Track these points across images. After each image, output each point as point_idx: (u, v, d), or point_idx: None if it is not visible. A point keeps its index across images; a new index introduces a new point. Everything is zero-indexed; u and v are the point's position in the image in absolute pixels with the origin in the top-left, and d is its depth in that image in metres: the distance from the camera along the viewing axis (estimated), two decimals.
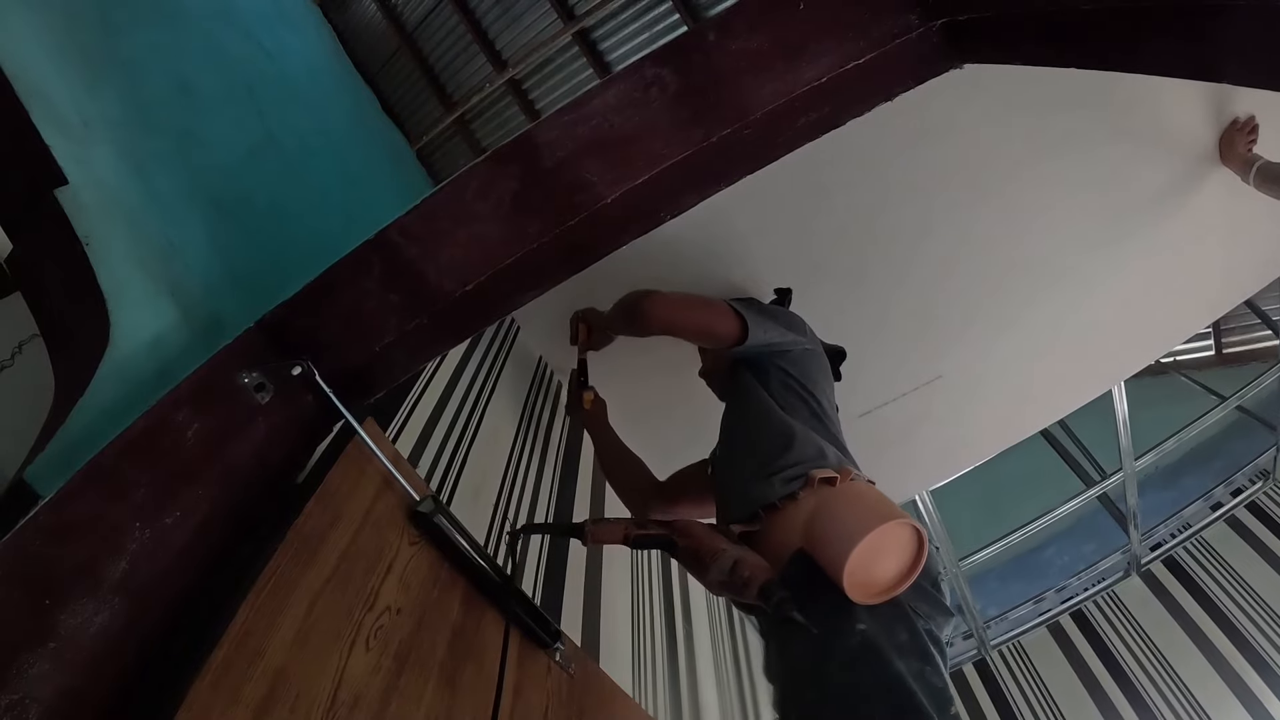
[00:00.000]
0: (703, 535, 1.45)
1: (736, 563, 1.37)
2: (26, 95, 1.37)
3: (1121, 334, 3.23)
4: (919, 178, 2.45)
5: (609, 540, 1.52)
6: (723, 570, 1.37)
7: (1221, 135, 2.66)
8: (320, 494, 1.14)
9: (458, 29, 6.20)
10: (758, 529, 1.58)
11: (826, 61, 1.12)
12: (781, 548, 1.47)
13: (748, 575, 1.34)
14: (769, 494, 1.59)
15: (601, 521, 1.53)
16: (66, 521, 0.83)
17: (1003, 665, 5.37)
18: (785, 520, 1.55)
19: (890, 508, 1.39)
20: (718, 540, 1.44)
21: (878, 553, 1.34)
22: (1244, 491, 5.32)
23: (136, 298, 1.34)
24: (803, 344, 2.00)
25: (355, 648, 1.05)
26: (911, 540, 1.38)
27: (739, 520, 1.64)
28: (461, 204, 1.20)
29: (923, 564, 1.37)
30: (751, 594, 1.33)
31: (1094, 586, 5.41)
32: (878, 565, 1.35)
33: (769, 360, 1.95)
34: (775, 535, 1.54)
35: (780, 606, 1.29)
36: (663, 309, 2.03)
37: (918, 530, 1.37)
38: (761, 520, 1.58)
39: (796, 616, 1.27)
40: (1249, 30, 0.72)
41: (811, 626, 1.27)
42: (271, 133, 2.58)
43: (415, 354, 1.35)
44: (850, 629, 1.30)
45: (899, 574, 1.37)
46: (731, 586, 1.37)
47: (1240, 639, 4.64)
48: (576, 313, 2.43)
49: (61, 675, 0.77)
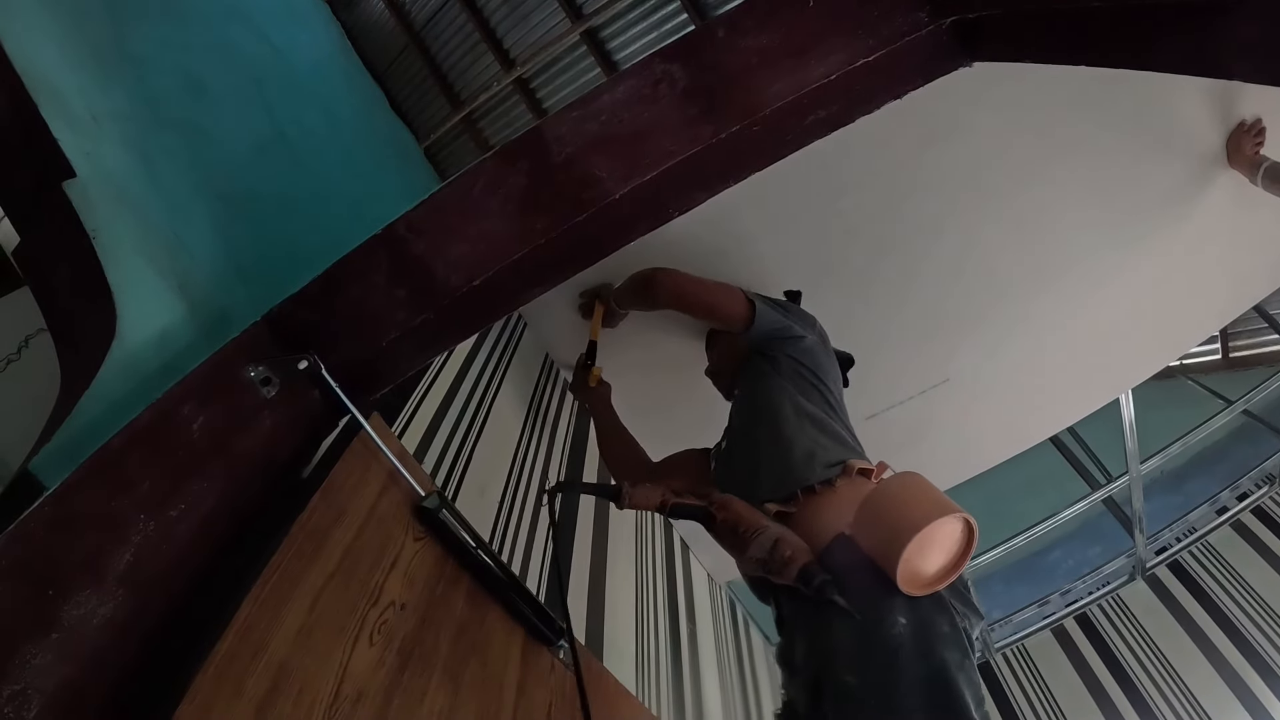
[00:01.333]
0: (744, 511, 1.44)
1: (778, 541, 1.36)
2: (35, 89, 1.37)
3: (1131, 340, 3.21)
4: (928, 179, 2.45)
5: (645, 505, 1.49)
6: (763, 547, 1.36)
7: (1229, 138, 2.65)
8: (325, 489, 1.14)
9: (466, 27, 6.20)
10: (794, 511, 1.57)
11: (836, 59, 1.11)
12: (817, 532, 1.46)
13: (789, 555, 1.34)
14: (810, 475, 1.59)
15: (640, 486, 1.51)
16: (71, 513, 0.83)
17: (1006, 668, 5.35)
18: (821, 505, 1.54)
19: (946, 499, 1.38)
20: (759, 517, 1.43)
21: (931, 544, 1.33)
22: (1250, 496, 5.29)
23: (144, 291, 1.34)
24: (813, 338, 2.00)
25: (359, 643, 1.05)
26: (964, 534, 1.37)
27: (774, 500, 1.61)
28: (469, 199, 1.20)
29: (970, 557, 1.37)
30: (791, 574, 1.32)
31: (1099, 590, 5.39)
32: (929, 557, 1.34)
33: (781, 350, 1.96)
34: (811, 519, 1.53)
35: (823, 589, 1.29)
36: (673, 281, 2.11)
37: (970, 524, 1.36)
38: (799, 502, 1.57)
39: (839, 600, 1.28)
40: (1257, 28, 0.72)
41: (855, 611, 1.27)
42: (279, 128, 2.59)
43: (422, 349, 1.35)
44: (893, 618, 1.29)
45: (947, 567, 1.36)
46: (769, 565, 1.36)
47: (1245, 644, 4.61)
48: (589, 289, 2.45)
49: (64, 666, 0.77)
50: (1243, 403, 5.27)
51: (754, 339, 2.00)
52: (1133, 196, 2.70)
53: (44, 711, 0.73)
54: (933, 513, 1.32)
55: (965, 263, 2.70)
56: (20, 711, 0.71)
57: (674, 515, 1.51)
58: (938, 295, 2.78)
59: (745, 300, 2.00)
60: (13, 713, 0.71)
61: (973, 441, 3.45)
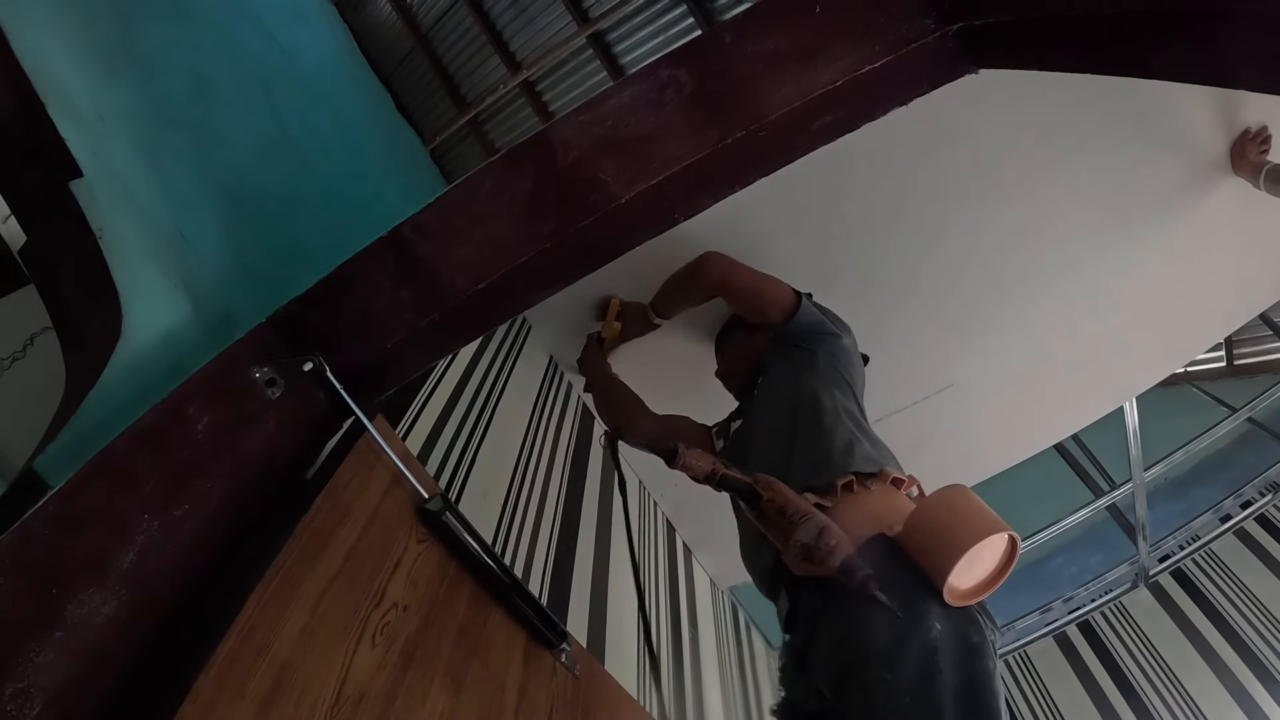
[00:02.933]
0: (791, 494, 1.43)
1: (824, 529, 1.35)
2: (43, 88, 1.38)
3: (1136, 346, 3.20)
4: (933, 184, 2.44)
5: (697, 469, 1.47)
6: (810, 533, 1.34)
7: (1233, 145, 2.65)
8: (329, 490, 1.14)
9: (472, 30, 6.20)
10: (830, 505, 1.54)
11: (842, 65, 1.11)
12: (850, 529, 1.43)
13: (834, 544, 1.33)
14: (849, 465, 1.58)
15: (693, 450, 1.49)
16: (75, 512, 0.84)
17: (1009, 675, 5.33)
18: (856, 504, 1.53)
19: (999, 518, 1.39)
20: (806, 502, 1.42)
21: (979, 558, 1.35)
22: (1254, 504, 5.27)
23: (149, 291, 1.34)
24: (849, 340, 2.00)
25: (361, 644, 1.05)
26: (1008, 551, 1.39)
27: (812, 489, 1.57)
28: (476, 202, 1.20)
29: (1008, 574, 1.38)
30: (832, 565, 1.31)
31: (1101, 597, 5.37)
32: (973, 569, 1.36)
33: (820, 346, 1.94)
34: (846, 515, 1.50)
35: (865, 583, 1.29)
36: (724, 263, 2.13)
37: (1015, 541, 1.38)
38: (836, 497, 1.55)
39: (880, 595, 1.28)
40: (1261, 36, 0.72)
41: (896, 609, 1.27)
42: (286, 129, 2.59)
43: (427, 351, 1.35)
44: (930, 622, 1.29)
45: (984, 581, 1.38)
46: (813, 552, 1.34)
47: (1247, 652, 4.59)
48: (615, 300, 2.45)
49: (67, 664, 0.77)
50: (1247, 410, 5.25)
51: (791, 332, 1.97)
52: (1138, 202, 2.69)
53: (46, 709, 0.73)
54: (987, 529, 1.34)
55: (968, 267, 2.70)
56: (23, 709, 0.71)
57: (722, 487, 1.48)
58: (941, 300, 2.77)
59: (792, 292, 2.01)
60: (15, 710, 0.71)
61: (976, 447, 3.44)
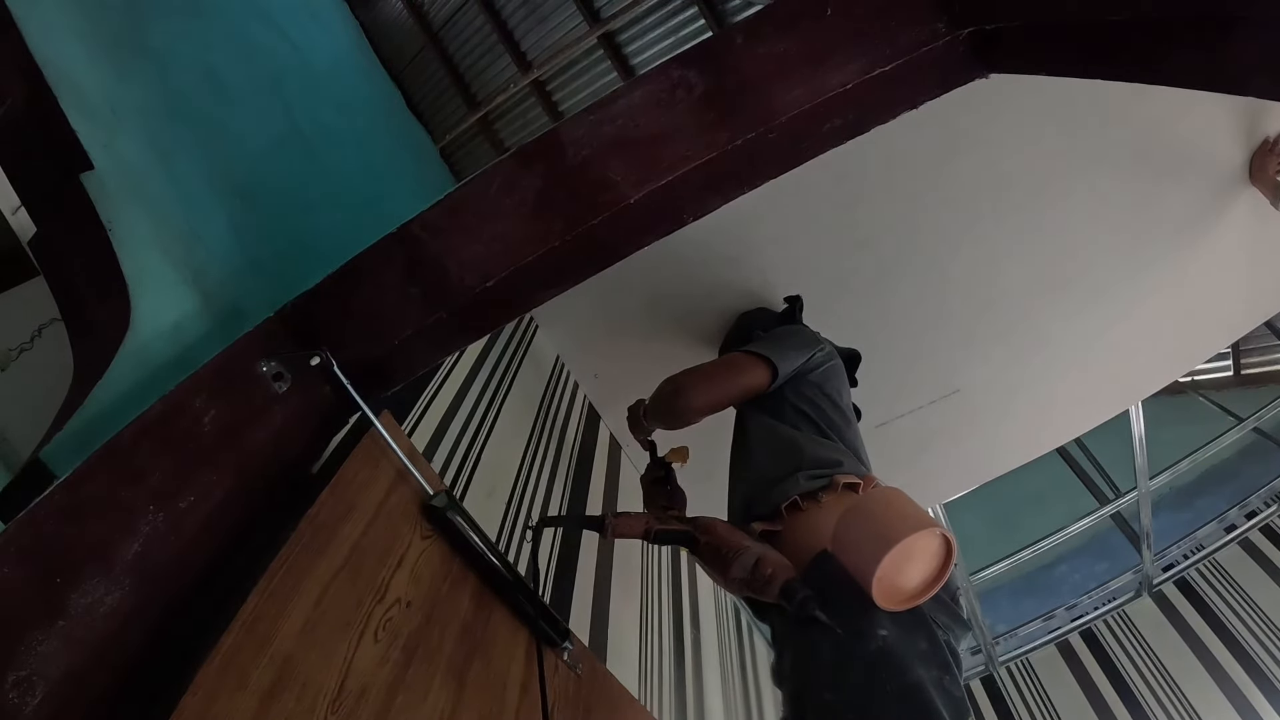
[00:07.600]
0: (725, 532, 1.45)
1: (759, 560, 1.36)
2: (56, 81, 1.38)
3: (1142, 352, 3.19)
4: (944, 190, 2.44)
5: (629, 534, 1.51)
6: (745, 567, 1.36)
7: (1253, 155, 2.64)
8: (334, 484, 1.14)
9: (484, 29, 6.22)
10: (779, 529, 1.56)
11: (853, 68, 1.11)
12: (803, 549, 1.45)
13: (770, 573, 1.34)
14: (791, 489, 1.58)
15: (623, 515, 1.52)
16: (81, 502, 0.84)
17: (1010, 682, 5.33)
18: (807, 522, 1.53)
19: (923, 515, 1.36)
20: (740, 537, 1.43)
21: (908, 559, 1.31)
22: (1258, 514, 5.27)
23: (158, 284, 1.35)
24: (819, 355, 1.97)
25: (364, 639, 1.05)
26: (941, 549, 1.35)
27: (760, 518, 1.61)
28: (485, 200, 1.20)
29: (949, 573, 1.35)
30: (773, 592, 1.32)
31: (1105, 606, 5.37)
32: (906, 572, 1.33)
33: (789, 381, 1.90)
34: (797, 536, 1.52)
35: (804, 605, 1.28)
36: (701, 396, 1.91)
37: (948, 540, 1.35)
38: (784, 520, 1.56)
39: (820, 615, 1.27)
40: (1272, 42, 0.72)
41: (835, 627, 1.26)
42: (296, 125, 2.60)
43: (434, 348, 1.35)
44: (872, 633, 1.28)
45: (925, 582, 1.34)
46: (752, 584, 1.36)
47: (1250, 663, 4.59)
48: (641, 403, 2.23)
49: (70, 654, 0.77)
50: (1253, 420, 5.25)
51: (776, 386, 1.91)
52: (1149, 210, 2.69)
53: (48, 698, 0.74)
54: (906, 529, 1.30)
55: (977, 273, 2.70)
56: (25, 697, 0.72)
57: (659, 541, 1.52)
58: (949, 306, 2.77)
59: (764, 365, 1.89)
60: (17, 698, 0.71)
61: (982, 451, 3.43)
